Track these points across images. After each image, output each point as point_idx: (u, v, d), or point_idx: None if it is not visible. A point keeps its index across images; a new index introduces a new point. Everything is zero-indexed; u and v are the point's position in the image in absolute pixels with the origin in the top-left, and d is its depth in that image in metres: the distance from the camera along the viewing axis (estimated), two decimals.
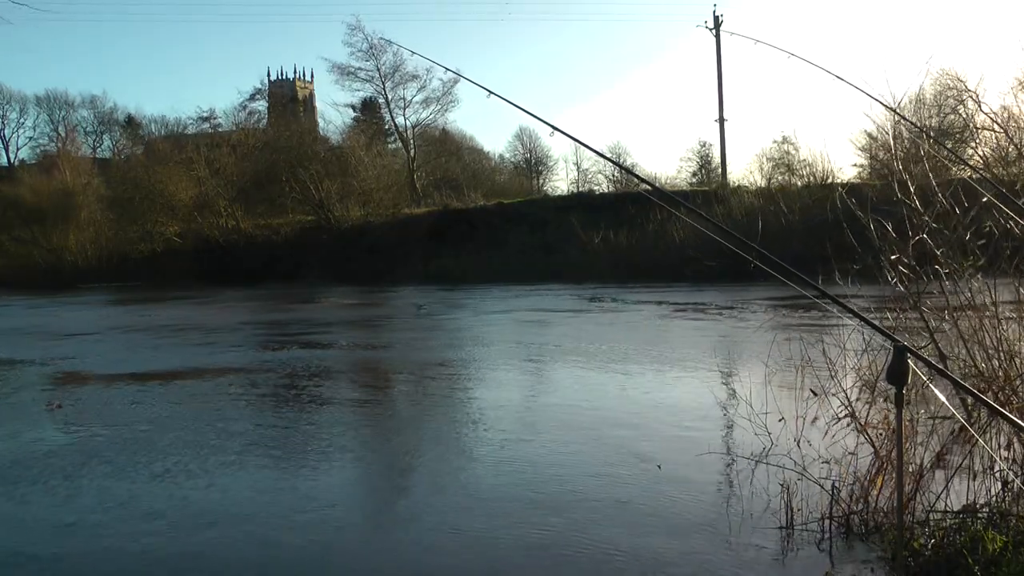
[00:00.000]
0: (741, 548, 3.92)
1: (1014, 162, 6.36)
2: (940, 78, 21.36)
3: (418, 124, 44.41)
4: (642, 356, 10.28)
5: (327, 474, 5.51)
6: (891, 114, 5.20)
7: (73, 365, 11.35)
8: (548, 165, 54.92)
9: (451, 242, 31.32)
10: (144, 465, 5.73)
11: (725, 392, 7.69)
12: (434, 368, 9.98)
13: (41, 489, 5.28)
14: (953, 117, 20.39)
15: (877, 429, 4.22)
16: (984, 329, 4.25)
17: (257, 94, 52.86)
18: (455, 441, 6.40)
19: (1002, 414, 3.23)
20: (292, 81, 64.28)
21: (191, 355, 11.77)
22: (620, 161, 41.33)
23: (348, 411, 7.71)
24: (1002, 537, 3.47)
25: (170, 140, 44.90)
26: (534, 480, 5.16)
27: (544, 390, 8.84)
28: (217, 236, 36.26)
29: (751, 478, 4.76)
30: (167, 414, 7.47)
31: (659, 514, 4.45)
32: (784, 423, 5.11)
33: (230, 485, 5.26)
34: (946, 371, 3.24)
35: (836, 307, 3.25)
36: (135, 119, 57.61)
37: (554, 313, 16.56)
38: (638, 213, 24.83)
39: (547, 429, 6.53)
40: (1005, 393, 4.08)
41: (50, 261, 37.40)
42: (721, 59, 34.14)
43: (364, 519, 4.81)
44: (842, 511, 4.04)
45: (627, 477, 5.14)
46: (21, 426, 7.25)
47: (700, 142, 48.04)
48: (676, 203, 17.02)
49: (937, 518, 3.83)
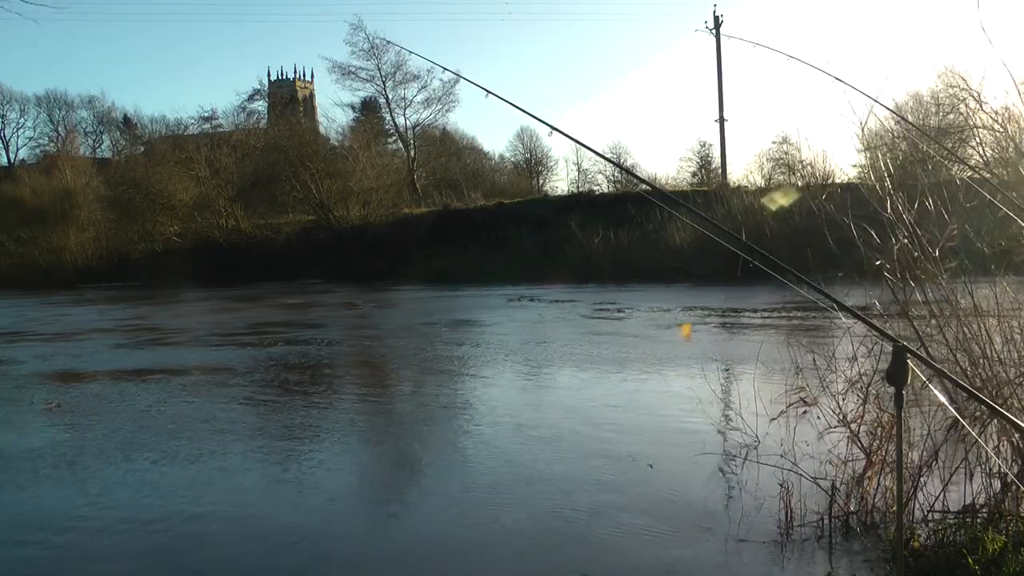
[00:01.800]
0: (740, 548, 3.92)
1: (1014, 162, 6.36)
2: (941, 77, 21.38)
3: (418, 124, 44.40)
4: (641, 357, 10.28)
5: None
6: (891, 114, 5.20)
7: (73, 364, 11.35)
8: (548, 165, 54.97)
9: (451, 242, 31.33)
10: (145, 461, 5.75)
11: (719, 393, 7.68)
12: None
13: (46, 481, 5.31)
14: (952, 116, 20.37)
15: (868, 427, 4.22)
16: (972, 336, 4.23)
17: (257, 94, 52.97)
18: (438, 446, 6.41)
19: (1001, 414, 3.24)
20: (292, 81, 64.33)
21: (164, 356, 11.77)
22: (620, 161, 41.36)
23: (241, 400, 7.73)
24: (1002, 537, 3.47)
25: (170, 140, 44.93)
26: (533, 479, 5.17)
27: (545, 390, 8.85)
28: (217, 236, 36.27)
29: (748, 478, 4.77)
30: (158, 409, 7.51)
31: (657, 514, 4.45)
32: (780, 423, 5.11)
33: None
34: (945, 371, 3.23)
35: (834, 307, 3.25)
36: (131, 119, 57.70)
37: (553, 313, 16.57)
38: (638, 213, 24.84)
39: (545, 430, 6.54)
40: (1002, 395, 4.08)
41: (50, 261, 37.41)
42: (721, 60, 34.25)
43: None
44: (841, 511, 4.05)
45: (623, 477, 5.14)
46: (21, 426, 7.26)
47: (700, 142, 48.03)
48: (676, 203, 17.02)
49: (937, 518, 3.84)
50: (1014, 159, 5.35)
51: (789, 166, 30.56)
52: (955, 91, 19.69)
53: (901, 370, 2.61)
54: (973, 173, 5.15)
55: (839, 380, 4.69)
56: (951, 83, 20.49)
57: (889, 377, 2.68)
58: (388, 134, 45.16)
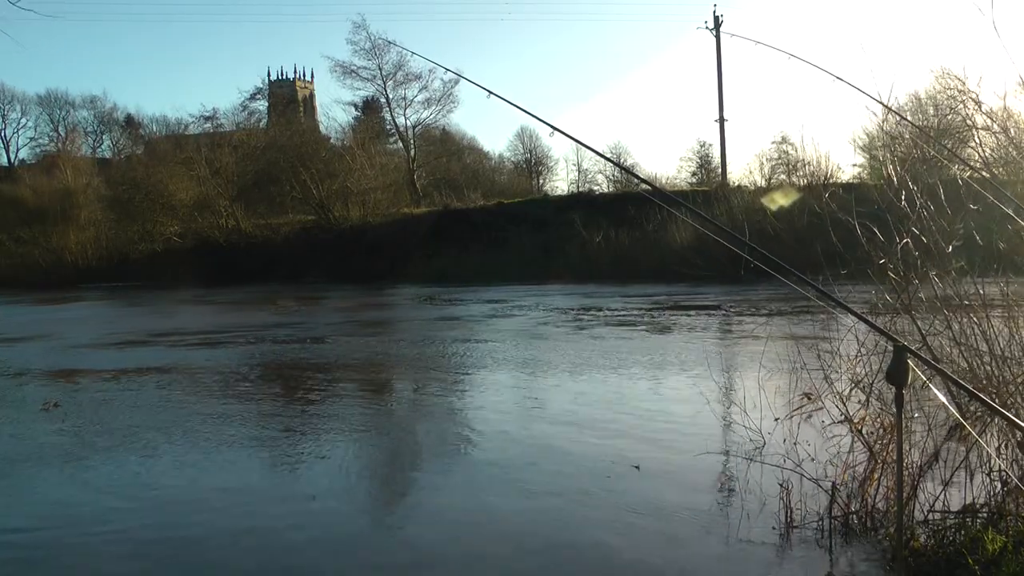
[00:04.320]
0: (740, 547, 3.92)
1: (1014, 162, 6.35)
2: (941, 77, 21.33)
3: (419, 124, 44.41)
4: (639, 359, 10.28)
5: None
6: (891, 114, 5.20)
7: (72, 364, 11.35)
8: (548, 165, 54.94)
9: (451, 242, 31.33)
10: (143, 458, 5.76)
11: (721, 394, 7.68)
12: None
13: (44, 477, 5.31)
14: (952, 116, 20.35)
15: (871, 427, 4.22)
16: (977, 333, 4.23)
17: (258, 94, 52.90)
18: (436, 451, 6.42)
19: (1001, 414, 3.24)
20: (292, 81, 64.23)
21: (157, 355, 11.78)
22: (620, 161, 41.36)
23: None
24: (1002, 537, 3.47)
25: (171, 140, 44.90)
26: (529, 480, 5.17)
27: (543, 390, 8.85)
28: (217, 236, 36.24)
29: (749, 478, 4.76)
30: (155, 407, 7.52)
31: (657, 514, 4.44)
32: (781, 424, 5.12)
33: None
34: (946, 371, 3.24)
35: (835, 306, 3.25)
36: (134, 119, 57.69)
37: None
38: (638, 213, 24.84)
39: (545, 430, 6.54)
40: (1003, 395, 4.08)
41: (50, 261, 37.37)
42: (721, 59, 34.20)
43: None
44: (841, 511, 4.05)
45: (622, 476, 5.14)
46: (20, 426, 7.27)
47: (700, 142, 47.99)
48: (676, 203, 17.03)
49: (937, 518, 3.83)
50: (1015, 159, 5.35)
51: (789, 166, 30.59)
52: (953, 92, 19.66)
53: (901, 370, 2.61)
54: (973, 173, 5.15)
55: (843, 379, 4.69)
56: (948, 84, 20.47)
57: (889, 377, 2.68)
58: (388, 134, 45.17)
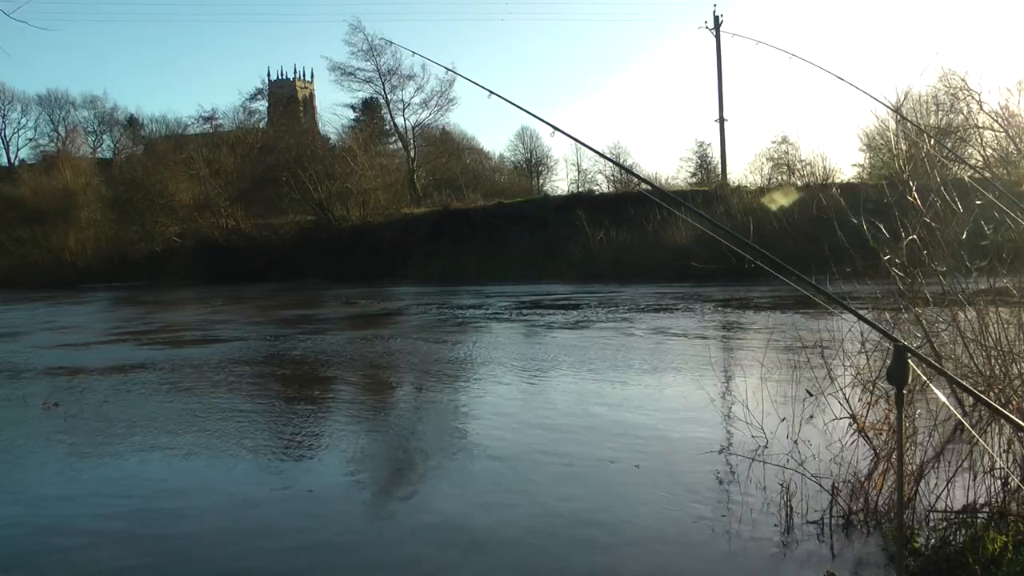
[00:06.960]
0: (742, 546, 3.92)
1: (1014, 162, 6.36)
2: (943, 77, 21.34)
3: (418, 124, 44.46)
4: (640, 358, 10.28)
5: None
6: (892, 113, 5.20)
7: (72, 363, 11.35)
8: (548, 165, 54.97)
9: (451, 242, 31.34)
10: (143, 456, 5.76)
11: (722, 393, 7.68)
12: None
13: (44, 477, 5.33)
14: (952, 116, 20.35)
15: (876, 428, 4.22)
16: (982, 330, 4.24)
17: (258, 94, 52.94)
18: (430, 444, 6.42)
19: (1002, 414, 3.23)
20: (292, 81, 64.27)
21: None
22: (620, 161, 41.34)
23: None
24: (1002, 537, 3.47)
25: (171, 140, 44.92)
26: (530, 479, 5.17)
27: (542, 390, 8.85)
28: (217, 236, 36.27)
29: (751, 477, 4.76)
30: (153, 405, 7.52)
31: (659, 513, 4.44)
32: (783, 423, 5.11)
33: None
34: (947, 372, 3.23)
35: (836, 306, 3.24)
36: (136, 119, 57.70)
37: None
38: (638, 213, 24.86)
39: (545, 432, 6.55)
40: (1006, 394, 4.08)
41: (50, 261, 37.41)
42: (721, 59, 34.17)
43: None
44: (842, 510, 4.05)
45: (623, 475, 5.14)
46: (20, 426, 7.27)
47: (699, 142, 48.07)
48: (676, 203, 17.01)
49: (937, 518, 3.83)
50: (1015, 158, 5.35)
51: (789, 166, 30.61)
52: (954, 91, 19.66)
53: (901, 370, 2.60)
54: (974, 172, 5.15)
55: (845, 377, 4.69)
56: (949, 83, 20.46)
57: (889, 377, 2.68)
58: (388, 134, 45.20)
